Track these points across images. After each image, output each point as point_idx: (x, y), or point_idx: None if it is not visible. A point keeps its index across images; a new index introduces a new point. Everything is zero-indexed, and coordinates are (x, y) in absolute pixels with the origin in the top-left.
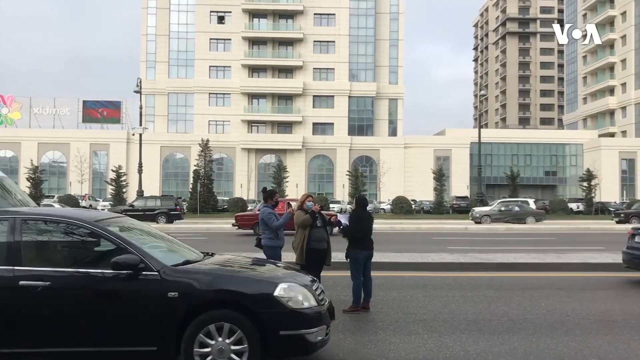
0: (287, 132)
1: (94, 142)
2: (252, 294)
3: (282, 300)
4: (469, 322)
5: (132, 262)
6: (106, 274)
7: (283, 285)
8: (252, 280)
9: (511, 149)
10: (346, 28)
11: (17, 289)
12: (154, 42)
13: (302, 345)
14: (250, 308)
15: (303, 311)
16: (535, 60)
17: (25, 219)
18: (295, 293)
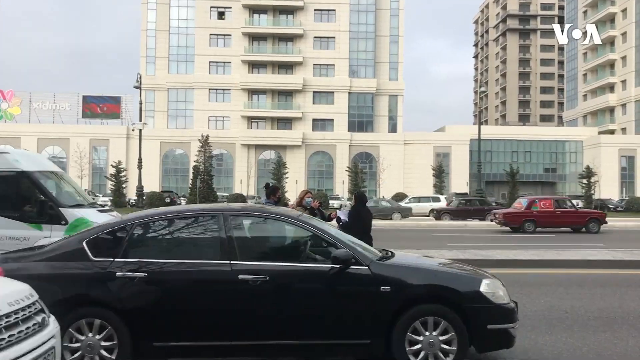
0: (287, 128)
1: (94, 137)
2: (461, 289)
3: (487, 295)
4: None
5: (347, 257)
6: (320, 268)
7: (486, 281)
8: (458, 276)
9: (511, 146)
10: (346, 24)
11: (237, 283)
12: (153, 37)
13: (506, 339)
14: (458, 303)
15: (506, 306)
16: (536, 57)
17: (234, 214)
18: (497, 289)
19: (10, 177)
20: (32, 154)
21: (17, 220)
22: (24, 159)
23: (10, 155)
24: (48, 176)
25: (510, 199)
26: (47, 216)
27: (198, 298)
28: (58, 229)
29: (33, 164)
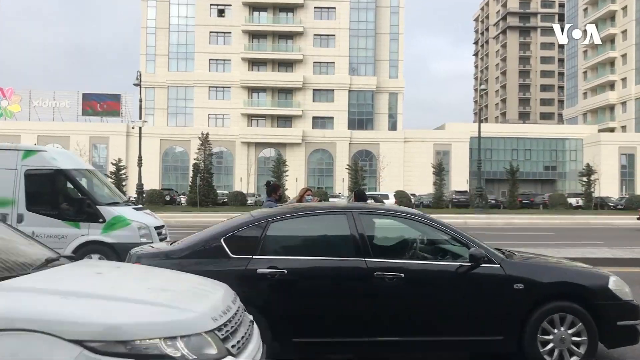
0: (287, 126)
1: (94, 135)
2: (591, 286)
3: (616, 292)
4: None
5: (481, 255)
6: (454, 266)
7: (613, 278)
8: (587, 274)
9: (511, 144)
10: (346, 22)
11: (372, 280)
12: (153, 35)
13: (634, 335)
14: (588, 299)
15: (632, 302)
16: (536, 55)
17: (364, 213)
18: (623, 286)
19: (48, 175)
20: (67, 151)
21: (55, 218)
22: (61, 157)
23: (47, 154)
24: (84, 174)
25: (510, 197)
26: (85, 214)
27: (335, 295)
28: (95, 227)
29: (69, 162)
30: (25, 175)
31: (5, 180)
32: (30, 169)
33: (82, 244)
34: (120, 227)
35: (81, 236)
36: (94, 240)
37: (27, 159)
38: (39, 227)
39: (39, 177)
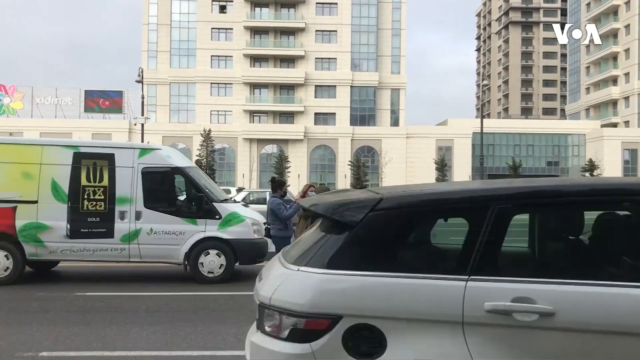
0: (289, 122)
1: (96, 132)
2: None
3: None
4: None
5: None
6: None
7: None
8: None
9: (513, 139)
10: (348, 17)
11: None
12: (155, 31)
13: None
14: None
15: None
16: (538, 50)
17: None
18: None
19: (164, 172)
20: (176, 150)
21: (172, 215)
22: (174, 155)
23: (162, 152)
24: (195, 172)
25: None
26: (203, 211)
27: None
28: (212, 224)
29: (182, 160)
30: (142, 173)
31: (124, 179)
32: (146, 167)
33: (199, 240)
34: (235, 224)
35: (199, 232)
36: (211, 237)
37: (143, 157)
38: (157, 224)
39: (155, 175)
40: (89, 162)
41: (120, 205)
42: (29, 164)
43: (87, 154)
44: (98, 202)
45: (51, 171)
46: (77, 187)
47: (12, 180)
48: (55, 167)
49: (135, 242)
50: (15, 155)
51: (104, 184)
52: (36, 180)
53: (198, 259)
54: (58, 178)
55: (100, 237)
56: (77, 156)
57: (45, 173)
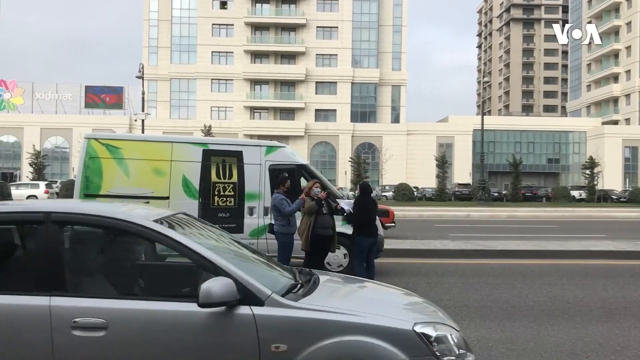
0: (290, 119)
1: (97, 127)
2: None
3: None
4: (470, 309)
5: None
6: None
7: None
8: None
9: (514, 136)
10: (349, 14)
11: None
12: (156, 27)
13: None
14: None
15: None
16: (539, 47)
17: None
18: None
19: (290, 170)
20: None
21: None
22: (295, 153)
23: (287, 149)
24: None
25: (513, 189)
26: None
27: None
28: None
29: (302, 158)
30: (269, 170)
31: (252, 175)
32: (273, 164)
33: None
34: None
35: None
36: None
37: (270, 155)
38: None
39: (282, 172)
40: (218, 159)
41: (249, 201)
42: (160, 161)
43: (215, 151)
44: (228, 198)
45: (182, 168)
46: (207, 184)
47: (144, 177)
48: (185, 164)
49: (263, 237)
50: (147, 152)
51: (233, 180)
52: (167, 176)
53: None
54: (189, 174)
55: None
56: (207, 153)
57: (176, 170)
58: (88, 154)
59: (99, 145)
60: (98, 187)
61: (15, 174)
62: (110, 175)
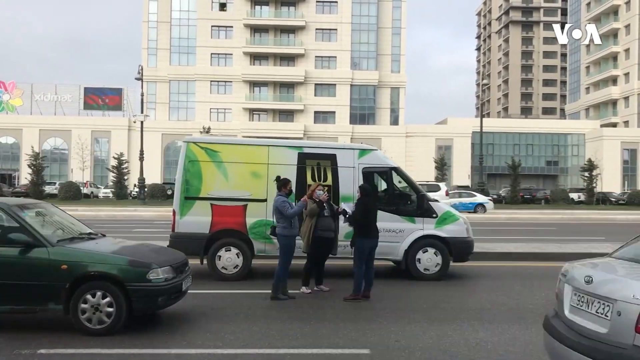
0: (289, 121)
1: (95, 129)
2: None
3: None
4: (469, 311)
5: None
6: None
7: None
8: None
9: (513, 139)
10: (348, 16)
11: None
12: (155, 29)
13: None
14: None
15: None
16: (538, 50)
17: None
18: None
19: (384, 172)
20: None
21: (392, 213)
22: (386, 156)
23: (379, 152)
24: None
25: (512, 192)
26: (422, 210)
27: None
28: (429, 222)
29: (392, 161)
30: (363, 172)
31: (346, 178)
32: (367, 167)
33: (418, 237)
34: (451, 222)
35: (417, 230)
36: (429, 235)
37: (363, 158)
38: (379, 222)
39: (375, 175)
40: (312, 162)
41: (344, 204)
42: (257, 164)
43: (310, 154)
44: None
45: (278, 171)
46: (303, 186)
47: (242, 180)
48: (281, 167)
49: None
50: (245, 156)
51: (328, 183)
52: (264, 179)
53: (416, 257)
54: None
55: None
56: (302, 156)
57: (272, 173)
58: (187, 157)
59: (198, 149)
60: (198, 190)
61: (14, 176)
62: (210, 178)
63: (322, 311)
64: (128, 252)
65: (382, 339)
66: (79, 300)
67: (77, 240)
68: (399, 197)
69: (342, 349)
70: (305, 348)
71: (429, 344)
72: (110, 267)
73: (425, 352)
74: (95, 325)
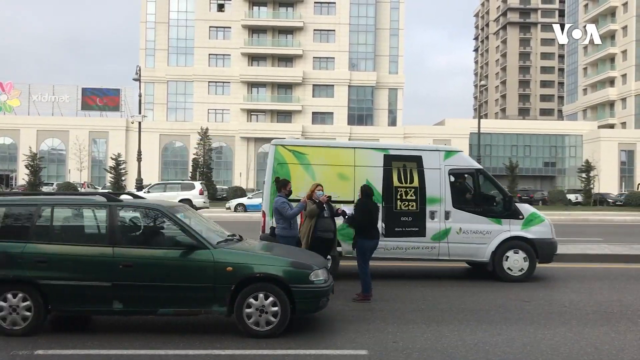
0: (287, 122)
1: (93, 129)
2: None
3: None
4: (466, 312)
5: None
6: None
7: None
8: None
9: (511, 140)
10: (346, 17)
11: None
12: (153, 29)
13: None
14: None
15: None
16: (536, 51)
17: None
18: None
19: (470, 174)
20: None
21: (479, 215)
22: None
23: (464, 154)
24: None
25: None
26: (509, 211)
27: None
28: (515, 223)
29: (476, 162)
30: (449, 174)
31: (432, 180)
32: (452, 169)
33: (505, 239)
34: (537, 224)
35: (504, 232)
36: (515, 236)
37: (449, 159)
38: (465, 224)
39: (462, 176)
40: (399, 164)
41: (430, 205)
42: (344, 166)
43: (396, 156)
44: (410, 202)
45: (365, 173)
46: (389, 188)
47: (330, 182)
48: (368, 169)
49: (445, 241)
50: (331, 158)
51: (415, 184)
52: (352, 181)
53: (502, 258)
54: (372, 179)
55: (413, 235)
56: (388, 158)
57: (359, 174)
58: (276, 160)
59: (286, 152)
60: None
61: (12, 176)
62: (298, 180)
63: (320, 312)
64: (285, 253)
65: (380, 340)
66: (243, 302)
67: (230, 242)
68: (485, 198)
69: (340, 350)
70: (303, 349)
71: (427, 345)
72: (275, 268)
73: (423, 353)
74: (263, 327)
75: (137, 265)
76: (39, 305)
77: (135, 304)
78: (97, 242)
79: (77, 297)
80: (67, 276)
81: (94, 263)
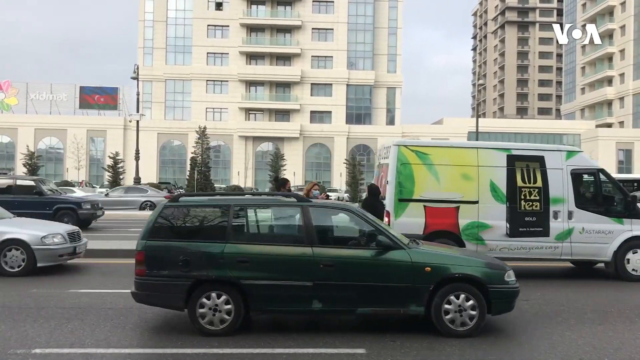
0: (285, 120)
1: (91, 128)
2: None
3: None
4: None
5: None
6: None
7: None
8: None
9: (509, 139)
10: (345, 15)
11: None
12: (151, 28)
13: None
14: None
15: None
16: (534, 50)
17: None
18: None
19: (592, 174)
20: None
21: (601, 214)
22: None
23: (585, 154)
24: None
25: None
26: (631, 211)
27: None
28: (637, 223)
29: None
30: (571, 174)
31: (555, 180)
32: (575, 169)
33: (627, 239)
34: None
35: (626, 232)
36: (638, 236)
37: (571, 159)
38: (587, 223)
39: (584, 176)
40: (521, 164)
41: (554, 205)
42: (467, 166)
43: (519, 156)
44: (534, 202)
45: (488, 173)
46: (513, 188)
47: (453, 182)
48: (491, 169)
49: (567, 241)
50: (454, 158)
51: (538, 185)
52: (475, 181)
53: (625, 258)
54: (495, 179)
55: (537, 235)
56: (510, 158)
57: (483, 175)
58: (399, 160)
59: (409, 152)
60: (411, 192)
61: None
62: (422, 181)
63: None
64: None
65: (378, 339)
66: (441, 302)
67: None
68: (606, 198)
69: (338, 349)
70: (301, 347)
71: (425, 344)
72: (472, 269)
73: (421, 351)
74: (457, 327)
75: (338, 265)
76: (239, 306)
77: (335, 303)
78: (294, 242)
79: (278, 296)
80: (269, 276)
81: (296, 263)
